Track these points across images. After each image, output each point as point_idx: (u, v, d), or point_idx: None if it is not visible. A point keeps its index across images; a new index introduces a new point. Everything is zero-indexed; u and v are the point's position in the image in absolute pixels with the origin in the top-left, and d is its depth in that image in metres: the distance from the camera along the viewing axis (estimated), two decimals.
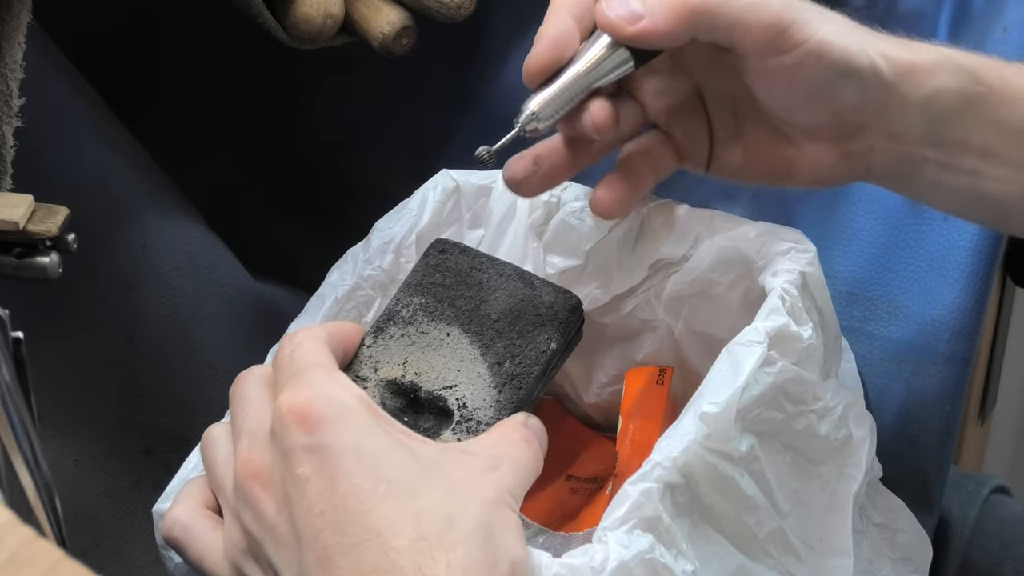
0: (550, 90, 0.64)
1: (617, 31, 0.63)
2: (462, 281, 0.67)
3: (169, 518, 0.61)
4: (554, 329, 0.65)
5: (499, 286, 0.67)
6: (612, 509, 0.57)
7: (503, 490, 0.57)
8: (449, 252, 0.68)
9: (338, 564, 0.54)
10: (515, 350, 0.64)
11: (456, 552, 0.54)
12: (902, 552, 0.70)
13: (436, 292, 0.67)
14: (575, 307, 0.66)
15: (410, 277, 0.68)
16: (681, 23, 0.63)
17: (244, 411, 0.61)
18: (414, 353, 0.65)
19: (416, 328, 0.66)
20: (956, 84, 0.65)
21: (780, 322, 0.62)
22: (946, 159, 0.66)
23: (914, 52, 0.65)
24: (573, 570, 0.55)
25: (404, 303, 0.67)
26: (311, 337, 0.62)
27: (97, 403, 0.82)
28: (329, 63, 0.91)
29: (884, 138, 0.66)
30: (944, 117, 0.65)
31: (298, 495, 0.56)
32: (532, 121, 0.64)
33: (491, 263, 0.68)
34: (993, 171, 0.66)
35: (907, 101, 0.65)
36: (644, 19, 0.63)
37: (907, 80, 0.64)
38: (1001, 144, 0.66)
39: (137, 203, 0.84)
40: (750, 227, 0.68)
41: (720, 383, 0.60)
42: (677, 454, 0.58)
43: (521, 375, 0.64)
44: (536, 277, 0.67)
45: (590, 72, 0.64)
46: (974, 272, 0.80)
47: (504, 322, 0.65)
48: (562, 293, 0.66)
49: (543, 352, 0.64)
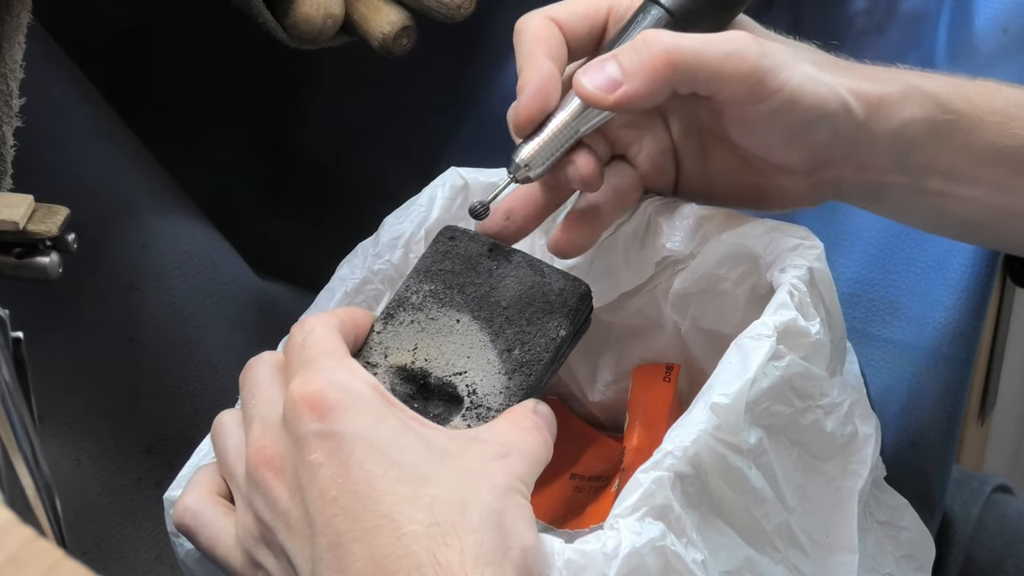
0: (539, 140, 0.65)
1: (597, 101, 0.63)
2: (472, 268, 0.67)
3: (180, 505, 0.61)
4: (564, 316, 0.65)
5: (508, 273, 0.67)
6: (624, 497, 0.58)
7: (514, 477, 0.57)
8: (459, 239, 0.68)
9: (350, 550, 0.54)
10: (525, 337, 0.65)
11: (469, 538, 0.54)
12: (905, 550, 0.70)
13: (446, 279, 0.67)
14: (584, 294, 0.66)
15: (419, 264, 0.68)
16: (659, 83, 0.62)
17: (255, 398, 0.61)
18: (424, 339, 0.65)
19: (426, 314, 0.66)
20: (923, 114, 0.65)
21: (788, 316, 0.62)
22: (912, 183, 0.67)
23: (882, 85, 0.65)
24: (585, 556, 0.56)
25: (414, 289, 0.67)
26: (322, 324, 0.62)
27: (98, 402, 0.82)
28: (329, 63, 0.91)
29: (852, 168, 0.66)
30: (912, 146, 0.66)
31: (310, 481, 0.56)
32: (524, 171, 0.65)
33: (500, 250, 0.68)
34: (959, 191, 0.67)
35: (876, 134, 0.65)
36: (623, 86, 0.62)
37: (876, 115, 0.65)
38: (967, 166, 0.66)
39: (137, 202, 0.84)
40: (757, 224, 0.68)
41: (729, 375, 0.60)
42: (688, 443, 0.58)
43: (531, 362, 0.64)
44: (545, 264, 0.67)
45: (576, 120, 0.65)
46: (975, 273, 0.80)
47: (514, 309, 0.65)
48: (571, 280, 0.66)
49: (553, 339, 0.64)
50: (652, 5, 0.66)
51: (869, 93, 0.65)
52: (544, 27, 0.66)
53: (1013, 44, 0.84)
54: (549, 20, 0.66)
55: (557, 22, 0.66)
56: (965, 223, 0.69)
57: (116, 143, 0.85)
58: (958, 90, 0.66)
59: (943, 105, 0.65)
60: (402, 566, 0.53)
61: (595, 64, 0.64)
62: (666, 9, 0.65)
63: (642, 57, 0.62)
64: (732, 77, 0.62)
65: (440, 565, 0.53)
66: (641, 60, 0.62)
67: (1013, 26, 0.84)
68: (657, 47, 0.62)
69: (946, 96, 0.66)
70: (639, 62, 0.62)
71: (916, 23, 0.86)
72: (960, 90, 0.66)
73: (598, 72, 0.63)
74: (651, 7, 0.66)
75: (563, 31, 0.66)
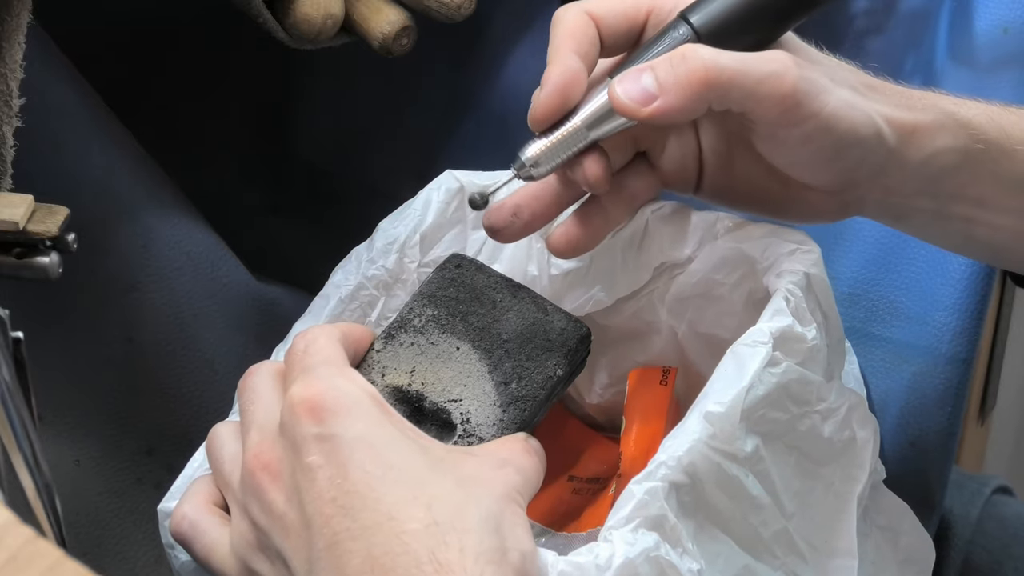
0: (550, 139, 0.64)
1: (631, 113, 0.62)
2: (476, 298, 0.67)
3: (177, 514, 0.61)
4: (563, 356, 0.65)
5: (512, 307, 0.67)
6: (617, 508, 0.58)
7: (511, 487, 0.57)
8: (465, 268, 0.68)
9: (348, 548, 0.54)
10: (523, 372, 0.65)
11: (469, 538, 0.54)
12: (905, 554, 0.70)
13: (449, 306, 0.67)
14: (584, 336, 0.67)
15: (424, 288, 0.68)
16: (696, 99, 0.61)
17: (254, 404, 0.61)
18: (422, 363, 0.65)
19: (427, 339, 0.66)
20: (956, 143, 0.65)
21: (784, 323, 0.62)
22: (939, 208, 0.66)
23: (917, 113, 0.64)
24: (579, 568, 0.56)
25: (417, 312, 0.67)
26: (324, 334, 0.62)
27: (98, 403, 0.82)
28: (329, 63, 0.91)
29: (880, 191, 0.66)
30: (942, 175, 0.65)
31: (308, 483, 0.56)
32: (528, 169, 0.64)
33: (506, 284, 0.68)
34: (987, 217, 0.67)
35: (906, 162, 0.64)
36: (658, 100, 0.61)
37: (908, 143, 0.64)
38: (996, 195, 0.66)
39: (137, 203, 0.84)
40: (754, 228, 0.68)
41: (725, 383, 0.60)
42: (682, 453, 0.58)
43: (526, 397, 0.64)
44: (549, 303, 0.67)
45: (592, 126, 0.64)
46: (975, 273, 0.80)
47: (514, 343, 0.66)
48: (573, 321, 0.67)
49: (550, 377, 0.65)
50: (682, 23, 0.64)
51: (904, 121, 0.64)
52: (579, 22, 0.64)
53: (1013, 44, 0.84)
54: (586, 15, 0.65)
55: (594, 17, 0.65)
56: (992, 247, 0.69)
57: (116, 143, 0.85)
58: (991, 119, 0.66)
59: (975, 135, 0.65)
60: (401, 563, 0.53)
61: (631, 75, 0.62)
62: (694, 30, 0.63)
63: (679, 72, 0.61)
64: (768, 99, 0.61)
65: (439, 563, 0.53)
66: (677, 75, 0.61)
67: (1013, 26, 0.84)
68: (696, 63, 0.61)
69: (979, 125, 0.65)
70: (675, 77, 0.61)
71: (916, 23, 0.86)
72: (994, 119, 0.66)
73: (633, 83, 0.62)
74: (681, 25, 0.64)
75: (599, 26, 0.65)
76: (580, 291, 0.72)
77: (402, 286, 0.72)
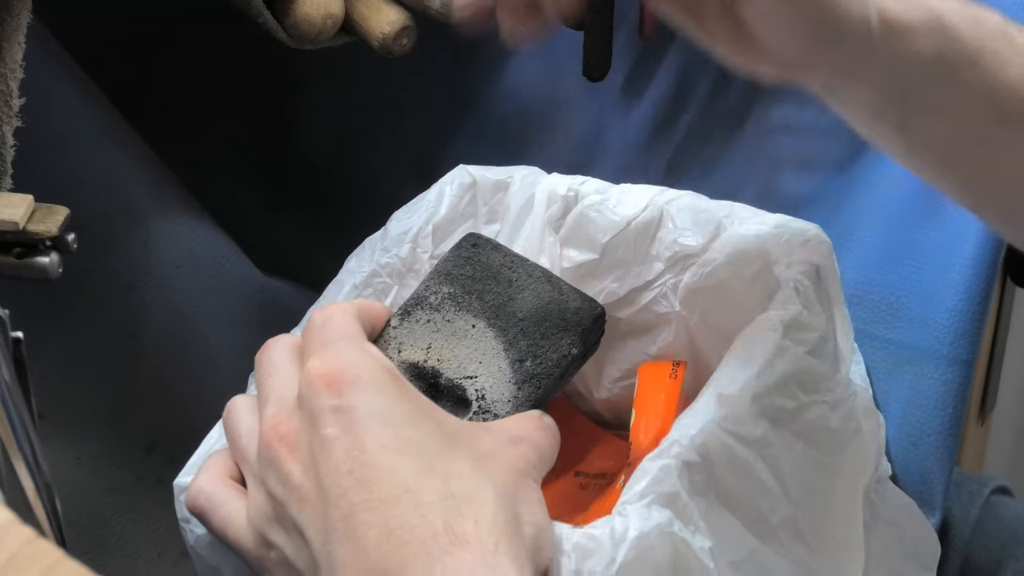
0: None
1: None
2: (492, 276, 0.68)
3: (193, 488, 0.61)
4: (577, 335, 0.66)
5: (527, 286, 0.67)
6: (632, 484, 0.58)
7: (526, 462, 0.58)
8: (481, 247, 0.69)
9: (365, 519, 0.54)
10: (537, 350, 0.65)
11: (484, 510, 0.54)
12: (910, 549, 0.70)
13: (465, 284, 0.67)
14: (599, 316, 0.67)
15: (440, 265, 0.69)
16: None
17: (271, 378, 0.61)
18: (438, 340, 0.66)
19: (443, 316, 0.66)
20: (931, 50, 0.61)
21: (795, 311, 0.62)
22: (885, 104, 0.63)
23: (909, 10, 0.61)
24: (594, 539, 0.56)
25: (433, 290, 0.67)
26: (342, 310, 0.62)
27: (99, 401, 0.82)
28: (329, 63, 0.91)
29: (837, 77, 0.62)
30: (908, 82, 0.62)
31: (324, 455, 0.56)
32: None
33: (522, 263, 0.68)
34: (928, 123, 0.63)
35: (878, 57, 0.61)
36: None
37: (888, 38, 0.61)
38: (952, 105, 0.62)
39: (138, 201, 0.84)
40: (769, 219, 0.68)
41: (736, 367, 0.61)
42: (695, 432, 0.59)
43: (541, 375, 0.64)
44: (564, 283, 0.68)
45: None
46: (976, 275, 0.80)
47: (529, 322, 0.66)
48: (588, 301, 0.67)
49: (564, 356, 0.65)
50: None
51: (893, 18, 0.61)
52: None
53: None
54: None
55: None
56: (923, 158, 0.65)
57: (116, 142, 0.85)
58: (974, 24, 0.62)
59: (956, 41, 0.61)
60: (417, 535, 0.53)
61: None
62: None
63: None
64: None
65: (455, 535, 0.53)
66: None
67: None
68: None
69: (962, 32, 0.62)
70: None
71: None
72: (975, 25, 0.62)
73: None
74: None
75: None
76: (593, 283, 0.72)
77: (415, 276, 0.72)
